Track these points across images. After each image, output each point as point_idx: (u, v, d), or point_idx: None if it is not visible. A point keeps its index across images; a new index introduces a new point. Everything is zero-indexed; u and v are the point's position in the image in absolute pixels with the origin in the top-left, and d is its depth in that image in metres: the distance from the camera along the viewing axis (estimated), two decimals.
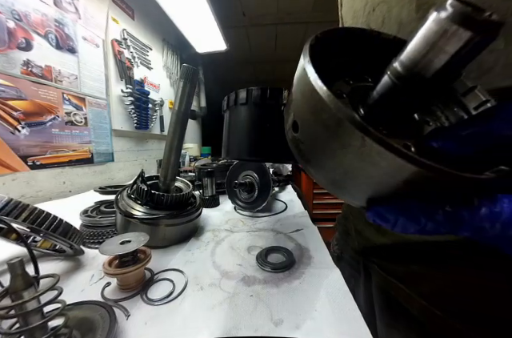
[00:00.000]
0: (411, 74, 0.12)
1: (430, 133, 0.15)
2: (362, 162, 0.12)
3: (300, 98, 0.14)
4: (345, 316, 0.27)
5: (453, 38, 0.10)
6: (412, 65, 0.12)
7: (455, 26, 0.09)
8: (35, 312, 0.20)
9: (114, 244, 0.33)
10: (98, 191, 0.90)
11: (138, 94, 1.35)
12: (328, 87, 0.12)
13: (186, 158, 1.67)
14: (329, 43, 0.16)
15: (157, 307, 0.30)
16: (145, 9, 1.49)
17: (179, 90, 0.44)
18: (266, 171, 0.67)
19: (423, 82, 0.12)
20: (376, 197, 0.13)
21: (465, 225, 0.12)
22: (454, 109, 0.16)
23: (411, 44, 0.11)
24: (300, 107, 0.15)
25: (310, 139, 0.15)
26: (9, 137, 0.76)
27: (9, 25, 0.75)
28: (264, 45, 2.54)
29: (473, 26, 0.09)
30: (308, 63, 0.13)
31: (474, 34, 0.09)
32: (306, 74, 0.13)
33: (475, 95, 0.15)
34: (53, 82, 0.90)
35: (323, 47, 0.15)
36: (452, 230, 0.12)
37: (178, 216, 0.47)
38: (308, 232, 0.52)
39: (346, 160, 0.13)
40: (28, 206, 0.32)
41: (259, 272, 0.37)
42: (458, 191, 0.11)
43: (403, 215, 0.12)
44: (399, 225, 0.13)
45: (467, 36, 0.09)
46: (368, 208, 0.14)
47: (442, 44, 0.10)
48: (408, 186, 0.11)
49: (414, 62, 0.11)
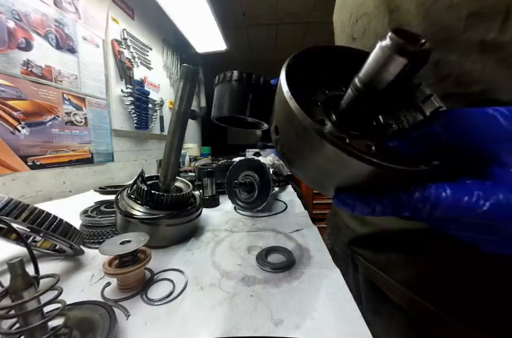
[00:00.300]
0: (367, 88, 0.15)
1: (389, 134, 0.17)
2: (326, 161, 0.15)
3: (278, 107, 0.17)
4: (345, 316, 0.27)
5: (393, 63, 0.13)
6: (367, 81, 0.14)
7: (394, 54, 0.12)
8: (35, 312, 0.20)
9: (114, 244, 0.33)
10: (98, 191, 0.90)
11: (138, 94, 1.35)
12: (297, 100, 0.15)
13: (185, 158, 1.67)
14: (309, 58, 0.19)
15: (157, 307, 0.30)
16: (145, 9, 1.49)
17: (179, 90, 0.44)
18: (266, 171, 0.67)
19: (376, 94, 0.15)
20: (340, 188, 0.16)
21: (403, 207, 0.14)
22: (413, 114, 0.19)
23: (366, 64, 0.14)
24: (278, 115, 0.18)
25: (287, 143, 0.18)
26: (9, 137, 0.76)
27: (9, 25, 0.75)
28: (264, 45, 2.54)
29: (406, 55, 0.12)
30: (284, 80, 0.16)
31: (408, 60, 0.12)
32: (281, 89, 0.16)
33: (431, 102, 0.18)
34: (53, 82, 0.90)
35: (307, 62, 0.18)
36: (395, 211, 0.15)
37: (178, 216, 0.47)
38: (308, 232, 0.52)
39: (314, 160, 0.16)
40: (28, 206, 0.32)
41: (259, 272, 0.37)
42: (401, 180, 0.14)
43: (359, 200, 0.15)
44: (356, 208, 0.16)
45: (403, 62, 0.12)
46: (334, 196, 0.17)
47: (386, 67, 0.13)
48: (361, 178, 0.14)
49: (368, 79, 0.14)
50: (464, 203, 0.13)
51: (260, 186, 0.67)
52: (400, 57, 0.12)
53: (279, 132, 0.18)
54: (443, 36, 0.22)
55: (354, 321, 0.27)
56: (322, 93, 0.19)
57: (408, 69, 0.13)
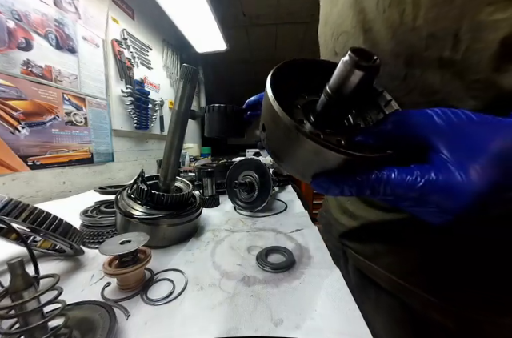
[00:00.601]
0: (335, 94, 0.18)
1: (356, 132, 0.21)
2: (304, 153, 0.18)
3: (265, 109, 0.21)
4: (345, 316, 0.27)
5: (353, 75, 0.16)
6: (335, 88, 0.18)
7: (354, 68, 0.16)
8: (35, 312, 0.20)
9: (114, 244, 0.33)
10: (98, 191, 0.90)
11: (138, 94, 1.35)
12: (283, 103, 0.18)
13: (185, 158, 1.67)
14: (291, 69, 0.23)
15: (157, 307, 0.30)
16: (145, 9, 1.49)
17: (179, 90, 0.44)
18: (266, 171, 0.67)
19: (343, 99, 0.18)
20: (316, 174, 0.20)
21: (364, 186, 0.18)
22: (377, 115, 0.23)
23: (334, 75, 0.18)
24: (265, 115, 0.21)
25: (272, 138, 0.22)
26: (9, 137, 0.76)
27: (9, 25, 0.75)
28: (264, 45, 2.54)
29: (362, 69, 0.16)
30: (269, 87, 0.19)
31: (363, 73, 0.16)
32: (267, 94, 0.19)
33: (391, 106, 0.22)
34: (53, 82, 0.90)
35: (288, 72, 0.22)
36: (358, 190, 0.18)
37: (178, 216, 0.47)
38: (308, 232, 0.52)
39: (295, 152, 0.19)
40: (28, 206, 0.32)
41: (259, 272, 0.37)
42: (362, 166, 0.18)
43: (330, 183, 0.19)
44: (329, 190, 0.19)
45: (360, 74, 0.16)
46: (311, 181, 0.20)
47: (348, 77, 0.17)
48: (332, 165, 0.18)
49: (336, 87, 0.18)
50: (407, 181, 0.16)
51: (260, 186, 0.67)
52: (357, 70, 0.16)
53: (266, 129, 0.22)
54: (409, 53, 0.27)
55: (354, 321, 0.27)
56: (302, 98, 0.23)
57: (364, 79, 0.16)
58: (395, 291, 0.35)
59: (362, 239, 0.40)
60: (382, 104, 0.22)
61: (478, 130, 0.16)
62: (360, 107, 0.24)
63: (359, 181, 0.18)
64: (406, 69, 0.27)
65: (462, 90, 0.24)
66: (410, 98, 0.25)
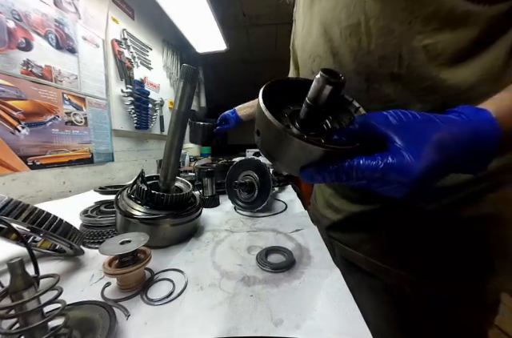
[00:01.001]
0: (313, 104, 0.23)
1: (333, 133, 0.26)
2: (292, 150, 0.23)
3: (258, 118, 0.26)
4: (345, 316, 0.27)
5: (324, 88, 0.21)
6: (312, 100, 0.23)
7: (325, 84, 0.21)
8: (35, 312, 0.20)
9: (114, 244, 0.33)
10: (98, 191, 0.90)
11: (138, 94, 1.35)
12: (273, 113, 0.23)
13: (185, 158, 1.67)
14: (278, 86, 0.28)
15: (157, 307, 0.30)
16: (145, 9, 1.49)
17: (179, 91, 0.44)
18: (266, 171, 0.67)
19: (319, 107, 0.23)
20: (303, 166, 0.24)
21: (340, 172, 0.22)
22: (350, 119, 0.28)
23: (310, 89, 0.23)
24: (258, 122, 0.26)
25: (266, 140, 0.26)
26: (9, 137, 0.76)
27: (9, 25, 0.75)
28: (264, 45, 2.54)
29: (330, 84, 0.21)
30: (262, 101, 0.24)
31: (332, 87, 0.21)
32: (259, 105, 0.24)
33: (359, 111, 0.27)
34: (53, 82, 0.90)
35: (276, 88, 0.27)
36: (336, 177, 0.22)
37: (178, 216, 0.47)
38: (308, 232, 0.52)
39: (285, 150, 0.24)
40: (28, 206, 0.32)
41: (259, 272, 0.37)
42: (338, 157, 0.22)
43: (315, 172, 0.23)
44: (314, 178, 0.23)
45: (330, 88, 0.21)
46: (300, 173, 0.25)
47: (321, 91, 0.21)
48: (315, 158, 0.23)
49: (312, 99, 0.23)
50: (371, 165, 0.21)
51: (260, 186, 0.67)
52: (327, 85, 0.21)
53: (260, 134, 0.27)
54: (367, 71, 0.35)
55: (354, 321, 0.27)
56: (287, 108, 0.28)
57: (333, 92, 0.21)
58: (375, 271, 0.42)
59: (346, 230, 0.47)
60: (353, 110, 0.28)
61: (421, 125, 0.21)
62: (335, 114, 0.29)
63: (336, 168, 0.22)
64: (367, 83, 0.35)
65: (411, 97, 0.33)
66: (372, 106, 0.31)
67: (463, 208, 0.34)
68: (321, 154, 0.22)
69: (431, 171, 0.20)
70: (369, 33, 0.33)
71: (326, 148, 0.21)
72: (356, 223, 0.44)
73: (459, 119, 0.22)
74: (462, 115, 0.22)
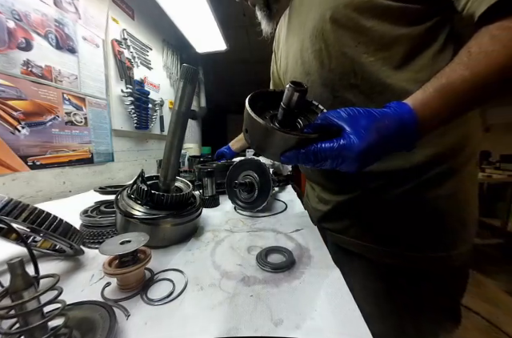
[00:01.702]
0: (287, 107, 0.31)
1: (304, 126, 0.34)
2: (275, 140, 0.31)
3: (246, 119, 0.33)
4: (345, 316, 0.27)
5: (294, 94, 0.29)
6: (286, 104, 0.31)
7: (293, 91, 0.29)
8: (35, 312, 0.20)
9: (114, 244, 0.33)
10: (98, 191, 0.90)
11: (138, 94, 1.35)
12: (257, 115, 0.31)
13: (186, 158, 1.67)
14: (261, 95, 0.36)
15: (157, 307, 0.30)
16: (145, 9, 1.49)
17: (179, 90, 0.44)
18: (266, 171, 0.67)
19: (292, 109, 0.31)
20: (283, 152, 0.32)
21: (309, 155, 0.29)
22: (313, 114, 0.36)
23: (284, 96, 0.30)
24: (246, 123, 0.34)
25: (253, 136, 0.34)
26: (9, 137, 0.76)
27: (9, 25, 0.75)
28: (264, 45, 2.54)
29: (297, 91, 0.29)
30: (248, 106, 0.32)
31: (298, 93, 0.29)
32: (247, 110, 0.32)
33: (319, 108, 0.36)
34: (53, 82, 0.90)
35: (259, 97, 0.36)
36: (306, 158, 0.30)
37: (178, 216, 0.47)
38: (308, 232, 0.52)
39: (270, 141, 0.31)
40: (28, 206, 0.32)
41: (259, 272, 0.37)
42: (307, 143, 0.30)
43: (291, 156, 0.31)
44: (291, 160, 0.31)
45: (297, 94, 0.29)
46: (281, 157, 0.32)
47: (291, 96, 0.30)
48: (291, 144, 0.30)
49: (286, 103, 0.31)
50: (330, 146, 0.28)
51: (260, 186, 0.67)
52: (295, 92, 0.29)
53: (248, 132, 0.35)
54: (332, 84, 0.45)
55: (354, 321, 0.27)
56: (268, 112, 0.36)
57: (300, 97, 0.29)
58: (360, 251, 0.50)
59: (334, 219, 0.55)
60: (319, 112, 0.36)
61: (363, 117, 0.29)
62: (306, 116, 0.37)
63: (306, 151, 0.29)
64: (332, 93, 0.45)
65: (367, 100, 0.42)
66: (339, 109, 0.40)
67: (425, 191, 0.43)
68: (295, 141, 0.30)
69: (371, 148, 0.27)
70: (329, 56, 0.44)
71: (297, 136, 0.30)
72: (341, 211, 0.52)
73: (390, 111, 0.29)
74: (391, 108, 0.30)
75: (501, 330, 1.26)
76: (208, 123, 2.74)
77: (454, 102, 0.30)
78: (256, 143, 0.34)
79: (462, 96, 0.29)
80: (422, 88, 0.31)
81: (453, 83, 0.29)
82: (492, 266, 1.91)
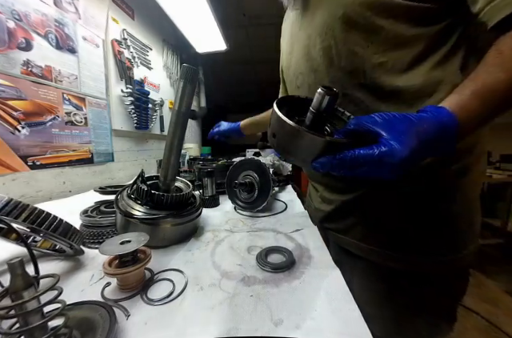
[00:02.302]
0: (316, 111, 0.30)
1: (334, 132, 0.34)
2: (309, 145, 0.29)
3: (274, 123, 0.33)
4: (345, 316, 0.27)
5: (325, 98, 0.29)
6: (316, 107, 0.30)
7: (325, 95, 0.28)
8: (35, 312, 0.20)
9: (114, 244, 0.33)
10: (98, 191, 0.90)
11: (138, 94, 1.35)
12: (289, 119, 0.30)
13: (185, 158, 1.67)
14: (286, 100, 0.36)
15: (157, 307, 0.30)
16: (145, 9, 1.49)
17: (179, 90, 0.44)
18: (266, 171, 0.67)
19: (321, 113, 0.30)
20: (314, 158, 0.30)
21: (345, 161, 0.27)
22: (340, 121, 0.37)
23: (314, 100, 0.30)
24: (274, 126, 0.33)
25: (283, 140, 0.33)
26: (9, 137, 0.76)
27: (9, 25, 0.75)
28: (264, 45, 2.54)
29: (329, 94, 0.28)
30: (277, 109, 0.31)
31: (330, 96, 0.28)
32: (275, 113, 0.31)
33: (346, 114, 0.36)
34: (53, 82, 0.90)
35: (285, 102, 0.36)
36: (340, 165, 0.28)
37: (178, 216, 0.47)
38: (308, 232, 0.52)
39: (301, 145, 0.30)
40: (28, 206, 0.32)
41: (259, 272, 0.37)
42: (341, 149, 0.28)
43: (324, 163, 0.29)
44: (323, 167, 0.29)
45: (329, 98, 0.28)
46: (312, 163, 0.30)
47: (322, 100, 0.29)
48: (326, 149, 0.28)
49: (316, 107, 0.30)
50: (369, 153, 0.26)
51: (260, 186, 0.67)
52: (327, 95, 0.28)
53: (275, 135, 0.33)
54: (341, 82, 0.43)
55: (354, 321, 0.27)
56: (293, 118, 0.34)
57: (331, 100, 0.29)
58: (363, 253, 0.49)
59: (337, 219, 0.54)
60: (345, 118, 0.36)
61: (401, 122, 0.28)
62: (332, 122, 0.37)
63: (341, 158, 0.27)
64: (342, 91, 0.41)
65: (377, 100, 0.41)
66: (348, 109, 0.37)
67: (439, 190, 0.42)
68: (327, 146, 0.28)
69: (413, 154, 0.26)
70: (338, 54, 0.42)
71: (333, 140, 0.28)
72: (344, 211, 0.51)
73: (427, 115, 0.29)
74: (428, 112, 0.29)
75: (501, 330, 1.27)
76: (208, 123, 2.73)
77: (492, 104, 0.29)
78: (285, 149, 0.33)
79: (499, 97, 0.29)
80: (456, 92, 0.31)
81: (490, 85, 0.29)
82: (492, 266, 1.92)
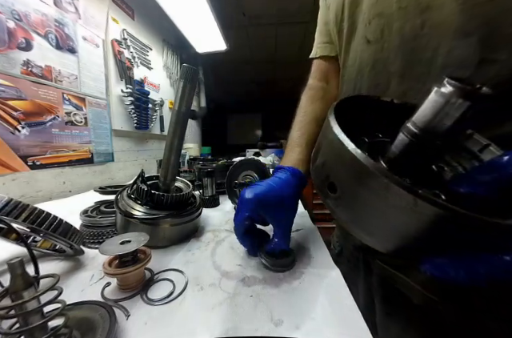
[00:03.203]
0: (424, 133, 0.14)
1: (453, 179, 0.15)
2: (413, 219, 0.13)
3: (335, 164, 0.16)
4: (345, 316, 0.27)
5: (455, 105, 0.13)
6: (424, 126, 0.14)
7: (458, 98, 0.12)
8: (35, 312, 0.20)
9: (114, 244, 0.33)
10: (98, 191, 0.90)
11: (138, 94, 1.35)
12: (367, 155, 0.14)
13: (185, 158, 1.67)
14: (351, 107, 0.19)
15: (157, 307, 0.30)
16: (145, 9, 1.49)
17: (179, 90, 0.44)
18: (266, 171, 0.67)
19: (433, 139, 0.14)
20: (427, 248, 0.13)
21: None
22: (462, 154, 0.18)
23: (421, 110, 0.14)
24: (337, 172, 0.16)
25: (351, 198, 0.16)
26: (9, 137, 0.76)
27: (9, 25, 0.75)
28: (264, 45, 2.54)
29: (471, 98, 0.12)
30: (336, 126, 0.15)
31: (469, 103, 0.12)
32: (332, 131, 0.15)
33: (475, 141, 0.18)
34: (53, 82, 0.90)
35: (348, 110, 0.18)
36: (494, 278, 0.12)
37: (178, 216, 0.47)
38: (308, 232, 0.52)
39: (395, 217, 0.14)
40: (28, 206, 0.32)
41: (259, 272, 0.37)
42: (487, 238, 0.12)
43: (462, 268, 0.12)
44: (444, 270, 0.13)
45: (466, 105, 0.12)
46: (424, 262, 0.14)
47: (448, 109, 0.13)
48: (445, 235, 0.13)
49: (425, 124, 0.14)
50: None
51: None
52: (462, 100, 0.12)
53: (337, 189, 0.16)
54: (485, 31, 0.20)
55: (354, 321, 0.27)
56: (362, 141, 0.19)
57: (466, 112, 0.13)
58: (429, 308, 0.30)
59: None
60: (476, 149, 0.18)
61: None
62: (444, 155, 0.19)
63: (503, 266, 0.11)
64: (481, 51, 0.20)
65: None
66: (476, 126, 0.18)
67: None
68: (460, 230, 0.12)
69: None
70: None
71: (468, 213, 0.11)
72: None
73: None
74: None
75: None
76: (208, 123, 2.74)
77: None
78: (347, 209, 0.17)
79: None
80: None
81: None
82: None
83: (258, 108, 4.86)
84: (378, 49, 0.28)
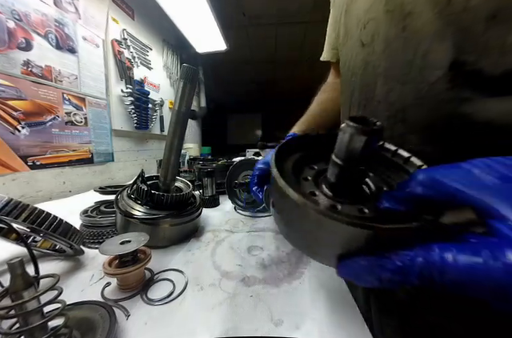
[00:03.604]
0: (343, 163, 0.17)
1: (380, 197, 0.18)
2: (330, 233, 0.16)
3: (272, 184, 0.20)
4: (345, 316, 0.27)
5: (356, 139, 0.16)
6: (342, 156, 0.17)
7: (357, 134, 0.15)
8: (35, 312, 0.20)
9: (114, 244, 0.33)
10: (98, 191, 0.90)
11: (138, 94, 1.35)
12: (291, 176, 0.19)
13: (185, 158, 1.67)
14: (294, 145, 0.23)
15: (157, 307, 0.30)
16: (145, 9, 1.49)
17: (179, 90, 0.44)
18: None
19: (353, 164, 0.17)
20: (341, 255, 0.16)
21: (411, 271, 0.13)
22: (400, 175, 0.22)
23: (337, 144, 0.17)
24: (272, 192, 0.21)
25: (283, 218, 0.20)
26: (9, 137, 0.76)
27: (9, 25, 0.75)
28: (264, 45, 2.54)
29: (365, 133, 0.15)
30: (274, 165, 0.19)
31: (366, 136, 0.15)
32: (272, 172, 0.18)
33: (412, 163, 0.21)
34: (53, 82, 0.90)
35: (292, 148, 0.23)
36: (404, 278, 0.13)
37: (178, 216, 0.47)
38: None
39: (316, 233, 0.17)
40: (28, 206, 0.32)
41: (259, 272, 0.37)
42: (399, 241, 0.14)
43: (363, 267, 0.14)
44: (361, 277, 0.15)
45: (364, 138, 0.15)
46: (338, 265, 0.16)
47: (354, 144, 0.16)
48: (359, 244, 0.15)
49: (342, 154, 0.17)
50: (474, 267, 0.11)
51: None
52: (361, 135, 0.15)
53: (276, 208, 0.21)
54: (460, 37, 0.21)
55: (354, 321, 0.27)
56: (310, 168, 0.23)
57: (369, 143, 0.16)
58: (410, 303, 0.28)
59: None
60: (401, 162, 0.21)
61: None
62: (377, 169, 0.22)
63: (402, 265, 0.13)
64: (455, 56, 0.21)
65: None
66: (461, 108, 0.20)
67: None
68: (369, 239, 0.14)
69: None
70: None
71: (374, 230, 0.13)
72: None
73: None
74: None
75: None
76: (208, 123, 2.74)
77: None
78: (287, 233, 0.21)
79: None
80: None
81: None
82: None
83: (257, 108, 4.87)
84: (369, 52, 0.30)
